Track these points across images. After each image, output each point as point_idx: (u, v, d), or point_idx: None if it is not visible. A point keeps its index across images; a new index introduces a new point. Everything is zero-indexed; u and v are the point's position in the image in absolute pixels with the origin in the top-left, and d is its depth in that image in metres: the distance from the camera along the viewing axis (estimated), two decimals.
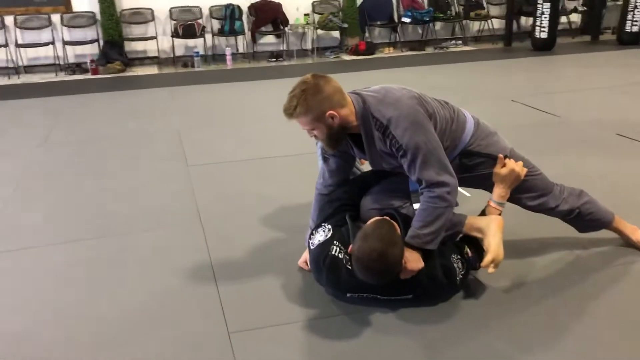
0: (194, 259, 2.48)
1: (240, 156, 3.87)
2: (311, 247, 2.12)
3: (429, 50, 8.68)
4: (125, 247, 2.63)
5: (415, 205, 2.15)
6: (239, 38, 8.39)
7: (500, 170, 2.21)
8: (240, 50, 8.48)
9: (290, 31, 8.45)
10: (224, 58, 8.13)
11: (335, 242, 2.05)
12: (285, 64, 8.08)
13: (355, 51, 8.41)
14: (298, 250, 2.40)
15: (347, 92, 2.08)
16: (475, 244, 2.17)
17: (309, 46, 8.66)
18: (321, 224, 2.16)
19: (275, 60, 8.19)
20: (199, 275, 2.35)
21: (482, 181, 2.29)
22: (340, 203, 2.22)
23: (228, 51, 8.09)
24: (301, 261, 2.34)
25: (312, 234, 2.15)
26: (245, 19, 8.30)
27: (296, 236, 2.56)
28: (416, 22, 8.69)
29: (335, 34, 8.83)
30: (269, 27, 8.39)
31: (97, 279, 2.37)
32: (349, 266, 1.99)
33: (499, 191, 2.23)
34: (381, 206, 2.21)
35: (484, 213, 2.24)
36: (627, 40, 8.18)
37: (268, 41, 8.58)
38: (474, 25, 9.37)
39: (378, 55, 8.46)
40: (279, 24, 8.31)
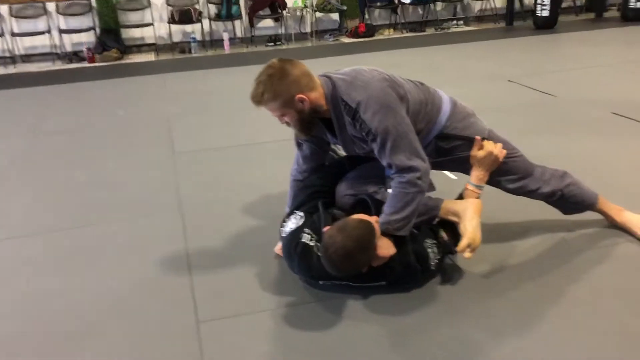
0: (171, 248, 2.45)
1: (230, 142, 3.83)
2: (283, 235, 2.09)
3: (430, 31, 8.56)
4: (104, 237, 2.61)
5: (390, 190, 2.11)
6: (237, 23, 8.33)
7: (477, 152, 2.16)
8: (238, 35, 8.42)
9: (288, 14, 8.37)
10: (221, 43, 8.07)
11: (306, 230, 2.02)
12: (284, 47, 8.01)
13: (355, 33, 8.32)
14: (277, 238, 2.35)
15: (317, 75, 2.03)
16: (452, 229, 2.12)
17: (308, 29, 8.57)
18: (294, 211, 2.12)
19: (273, 44, 8.12)
20: (173, 265, 2.32)
21: (460, 164, 2.23)
22: (313, 189, 2.18)
23: (225, 36, 8.03)
24: (277, 248, 2.31)
25: (285, 221, 2.12)
26: (242, 3, 8.22)
27: (276, 224, 2.49)
28: (417, 3, 8.57)
29: (335, 16, 8.73)
30: (266, 11, 8.31)
31: (73, 269, 2.35)
32: (319, 253, 1.95)
33: (477, 174, 2.18)
34: (356, 192, 2.17)
35: (462, 197, 2.19)
36: (632, 17, 7.99)
37: (266, 25, 8.50)
38: (476, 5, 9.22)
39: (378, 37, 8.36)
40: (277, 8, 8.22)
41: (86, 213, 2.87)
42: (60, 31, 7.69)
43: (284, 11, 8.24)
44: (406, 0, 8.49)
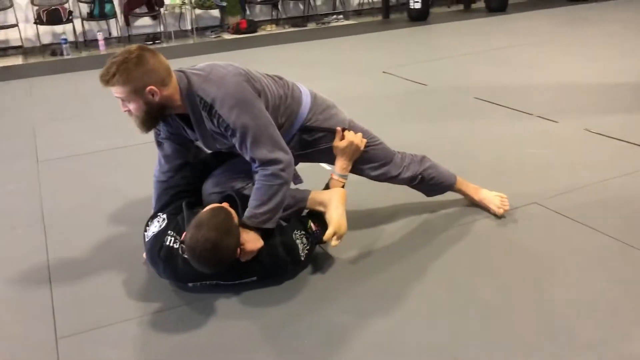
0: (31, 261, 2.30)
1: (99, 147, 3.66)
2: (146, 239, 2.02)
3: (311, 26, 8.67)
4: None
5: None
6: (112, 22, 7.98)
7: (339, 143, 2.22)
8: (114, 35, 8.06)
9: (166, 12, 8.14)
10: (96, 43, 7.69)
11: (169, 232, 1.97)
12: (163, 45, 7.78)
13: (237, 30, 8.25)
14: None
15: (172, 70, 1.98)
16: (320, 218, 2.15)
17: (188, 27, 8.38)
18: (157, 214, 2.06)
19: (152, 42, 7.86)
20: (33, 279, 2.18)
21: (325, 155, 2.28)
22: (177, 190, 2.13)
23: (100, 36, 7.66)
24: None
25: (148, 225, 2.05)
26: (116, 1, 7.87)
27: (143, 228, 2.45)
28: None
29: (215, 13, 8.60)
30: (143, 9, 8.02)
31: None
32: (185, 255, 1.91)
33: (341, 163, 2.24)
34: (222, 189, 2.15)
35: (328, 186, 2.24)
36: (495, 8, 8.58)
37: (144, 23, 8.21)
38: (354, 0, 9.47)
39: (260, 32, 8.34)
40: (154, 5, 7.96)
41: None
42: None
43: (162, 9, 8.00)
44: None
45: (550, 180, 2.78)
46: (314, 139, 2.23)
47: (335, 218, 2.07)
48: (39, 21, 7.38)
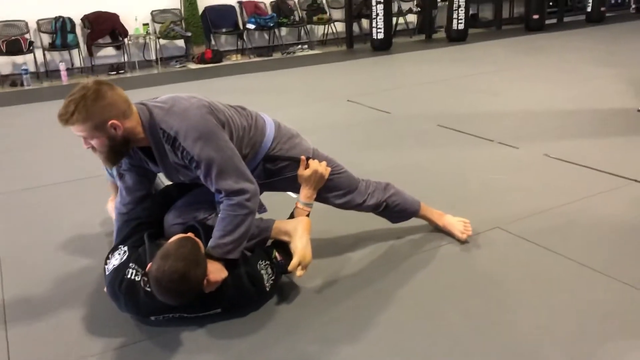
0: None
1: (54, 179, 3.57)
2: (106, 273, 1.97)
3: (277, 56, 8.74)
4: None
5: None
6: (74, 52, 7.88)
7: (304, 171, 2.22)
8: (77, 65, 7.97)
9: (130, 42, 8.10)
10: (59, 74, 7.58)
11: (131, 265, 1.92)
12: (128, 75, 7.72)
13: (202, 59, 8.25)
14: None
15: (133, 103, 1.97)
16: (285, 248, 2.14)
17: (153, 57, 8.35)
18: (117, 246, 2.01)
19: (116, 72, 7.80)
20: None
21: (289, 184, 2.28)
22: (138, 222, 2.08)
23: (62, 66, 7.56)
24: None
25: (108, 258, 2.00)
26: (79, 31, 7.81)
27: (102, 262, 2.38)
28: (261, 28, 8.70)
29: (180, 43, 8.60)
30: (107, 39, 7.97)
31: None
32: (147, 288, 1.87)
33: (305, 192, 2.24)
34: (185, 220, 2.12)
35: (293, 215, 2.24)
36: (455, 37, 8.82)
37: (107, 53, 8.15)
38: (319, 30, 9.59)
39: (226, 62, 8.37)
40: (118, 35, 7.92)
41: None
42: None
43: (126, 39, 7.96)
44: (250, 26, 8.61)
45: (512, 205, 2.84)
46: (278, 168, 2.23)
47: (300, 247, 2.06)
48: None
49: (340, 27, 9.36)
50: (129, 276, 1.90)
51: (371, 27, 8.41)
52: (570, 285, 2.13)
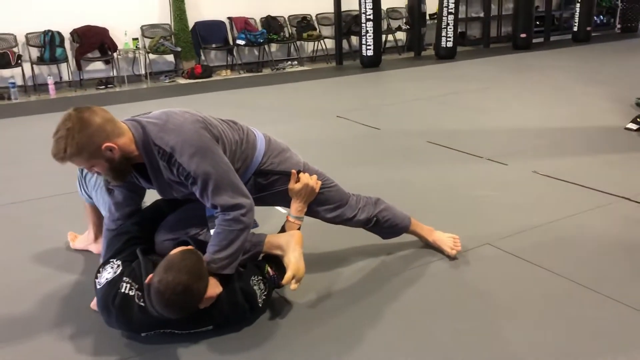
0: None
1: (40, 194, 3.52)
2: (98, 287, 1.94)
3: (267, 72, 8.77)
4: None
5: (213, 231, 2.06)
6: (62, 66, 7.86)
7: (294, 185, 2.22)
8: (65, 79, 7.94)
9: (119, 56, 8.09)
10: (47, 88, 7.54)
11: (125, 279, 1.89)
12: (116, 90, 7.69)
13: (192, 75, 8.25)
14: (90, 293, 2.17)
15: (124, 120, 1.95)
16: (277, 262, 2.13)
17: (142, 71, 8.34)
18: (109, 260, 1.99)
19: (104, 87, 7.77)
20: None
21: (280, 198, 2.27)
22: (129, 236, 2.06)
23: (50, 80, 7.52)
24: (93, 304, 2.13)
25: (99, 272, 1.97)
26: (68, 45, 7.79)
27: (87, 278, 2.35)
28: (251, 44, 8.74)
29: (170, 57, 8.60)
30: (95, 54, 7.96)
31: None
32: (141, 303, 1.84)
33: (296, 206, 2.23)
34: (176, 236, 2.09)
35: (284, 229, 2.23)
36: (444, 55, 8.92)
37: (96, 68, 8.13)
38: (309, 46, 9.66)
39: (215, 78, 8.38)
40: (107, 50, 7.91)
41: None
42: None
43: (115, 53, 7.95)
44: (240, 42, 8.64)
45: (502, 222, 2.85)
46: (269, 182, 2.23)
47: (294, 261, 2.05)
48: None
49: (330, 44, 9.43)
50: (122, 290, 1.87)
51: (360, 44, 8.48)
52: (559, 302, 2.14)
